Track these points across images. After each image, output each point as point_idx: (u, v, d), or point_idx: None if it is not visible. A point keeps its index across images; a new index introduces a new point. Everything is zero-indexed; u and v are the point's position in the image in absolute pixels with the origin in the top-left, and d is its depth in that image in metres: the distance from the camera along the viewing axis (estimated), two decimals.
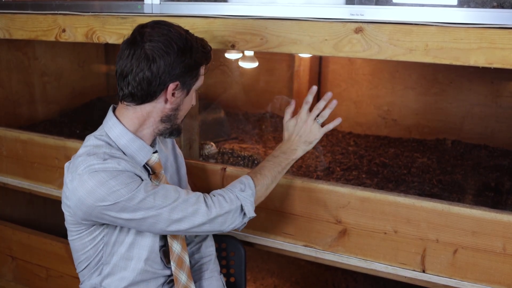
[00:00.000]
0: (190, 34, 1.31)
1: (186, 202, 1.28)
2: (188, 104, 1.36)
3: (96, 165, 1.22)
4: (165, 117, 1.33)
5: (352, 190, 1.53)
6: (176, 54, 1.24)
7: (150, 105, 1.30)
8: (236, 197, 1.35)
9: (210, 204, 1.30)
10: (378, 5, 1.42)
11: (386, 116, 2.67)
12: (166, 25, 1.28)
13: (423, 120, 2.58)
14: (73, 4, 1.91)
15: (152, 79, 1.24)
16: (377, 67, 2.65)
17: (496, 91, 2.42)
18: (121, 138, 1.31)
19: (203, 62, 1.33)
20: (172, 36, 1.25)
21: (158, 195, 1.25)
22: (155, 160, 1.38)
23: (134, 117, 1.31)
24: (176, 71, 1.26)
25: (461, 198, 1.84)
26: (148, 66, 1.23)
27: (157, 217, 1.25)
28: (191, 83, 1.32)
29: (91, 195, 1.21)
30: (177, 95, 1.30)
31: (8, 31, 2.05)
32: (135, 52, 1.24)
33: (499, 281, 1.41)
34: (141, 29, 1.27)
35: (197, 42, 1.30)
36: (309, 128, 1.47)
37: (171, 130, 1.37)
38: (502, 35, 1.27)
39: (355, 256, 1.58)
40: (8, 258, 2.37)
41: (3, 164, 2.23)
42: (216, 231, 1.34)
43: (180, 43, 1.25)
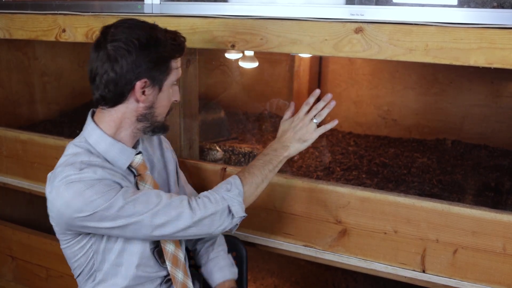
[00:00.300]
0: (156, 28, 1.28)
1: (169, 206, 1.25)
2: (164, 100, 1.32)
3: (72, 176, 1.20)
4: (141, 117, 1.30)
5: (352, 190, 1.53)
6: (138, 50, 1.22)
7: (123, 106, 1.28)
8: (222, 198, 1.30)
9: (194, 206, 1.27)
10: (378, 5, 1.42)
11: (386, 116, 2.67)
12: (129, 23, 1.26)
13: (423, 120, 2.58)
14: (73, 4, 1.91)
15: (117, 80, 1.22)
16: (377, 67, 2.65)
17: (496, 91, 2.42)
18: (100, 143, 1.29)
19: (173, 55, 1.29)
20: (134, 33, 1.22)
21: (139, 201, 1.22)
22: (138, 161, 1.35)
23: (110, 120, 1.29)
24: (141, 68, 1.23)
25: (461, 198, 1.84)
26: (111, 67, 1.22)
27: (139, 224, 1.22)
28: (161, 78, 1.28)
29: (68, 207, 1.20)
30: (148, 93, 1.27)
31: (8, 31, 2.05)
32: (99, 54, 1.23)
33: (499, 281, 1.41)
34: (105, 30, 1.26)
35: (165, 36, 1.27)
36: (305, 126, 1.42)
37: (153, 128, 1.34)
38: (502, 35, 1.27)
39: (355, 256, 1.58)
40: (8, 258, 2.37)
41: (3, 164, 2.23)
42: (205, 234, 1.31)
43: (143, 39, 1.22)
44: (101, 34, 1.25)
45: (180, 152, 1.84)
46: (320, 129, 1.43)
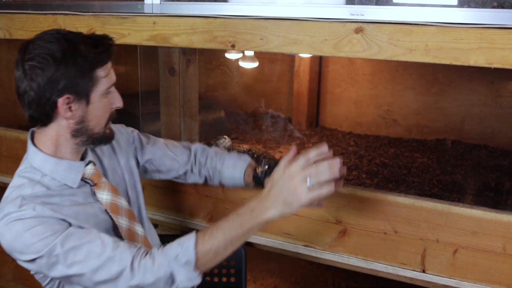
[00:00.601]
0: (76, 38, 1.20)
1: (111, 260, 1.14)
2: (97, 111, 1.23)
3: (12, 214, 1.15)
4: (75, 132, 1.23)
5: (352, 190, 1.53)
6: (53, 66, 1.14)
7: (55, 124, 1.22)
8: (167, 263, 1.14)
9: (135, 267, 1.14)
10: (378, 5, 1.42)
11: (386, 116, 2.67)
12: (45, 37, 1.18)
13: (423, 120, 2.58)
14: (73, 4, 1.91)
15: (37, 99, 1.16)
16: (377, 67, 2.65)
17: (496, 91, 2.42)
18: (45, 165, 1.23)
19: (96, 65, 1.20)
20: (47, 49, 1.15)
21: (80, 252, 1.13)
22: (90, 172, 1.30)
23: (47, 139, 1.24)
24: (60, 85, 1.15)
25: (461, 198, 1.84)
26: (29, 86, 1.16)
27: (79, 276, 1.15)
28: (87, 90, 1.20)
29: (11, 248, 1.16)
30: (74, 108, 1.19)
31: (8, 31, 2.05)
32: (17, 73, 1.18)
33: (499, 281, 1.41)
34: (23, 46, 1.18)
35: (87, 45, 1.18)
36: (295, 186, 1.11)
37: (92, 141, 1.27)
38: (502, 35, 1.27)
39: (355, 256, 1.58)
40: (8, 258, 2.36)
41: (3, 164, 2.23)
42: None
43: (57, 54, 1.15)
44: (19, 51, 1.18)
45: None
46: (314, 193, 1.11)
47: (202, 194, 1.74)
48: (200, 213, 1.76)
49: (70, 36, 1.20)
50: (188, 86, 1.82)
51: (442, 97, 2.52)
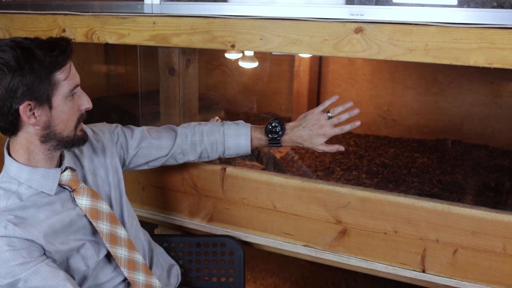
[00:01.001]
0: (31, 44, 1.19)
1: None
2: (62, 115, 1.23)
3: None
4: (43, 138, 1.22)
5: (352, 190, 1.53)
6: (10, 75, 1.13)
7: (23, 132, 1.21)
8: None
9: None
10: (378, 5, 1.42)
11: (386, 116, 2.67)
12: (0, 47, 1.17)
13: (423, 120, 2.58)
14: (73, 4, 1.91)
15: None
16: (377, 67, 2.65)
17: (496, 91, 2.43)
18: (21, 174, 1.23)
19: (55, 69, 1.19)
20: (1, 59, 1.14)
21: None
22: (67, 178, 1.28)
23: (19, 148, 1.24)
24: (18, 93, 1.14)
25: (461, 198, 1.84)
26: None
27: None
28: (48, 95, 1.18)
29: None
30: (38, 114, 1.19)
31: (8, 31, 2.05)
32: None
33: (499, 281, 1.41)
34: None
35: (43, 49, 1.18)
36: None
37: (64, 144, 1.25)
38: (502, 35, 1.27)
39: (355, 256, 1.58)
40: None
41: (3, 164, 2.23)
42: None
43: (11, 62, 1.14)
44: None
45: None
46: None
47: (202, 194, 1.74)
48: (200, 213, 1.76)
49: (25, 43, 1.19)
50: (188, 86, 1.82)
51: (442, 97, 2.52)
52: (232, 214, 1.71)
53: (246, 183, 1.67)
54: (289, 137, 1.51)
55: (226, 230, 1.74)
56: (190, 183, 1.75)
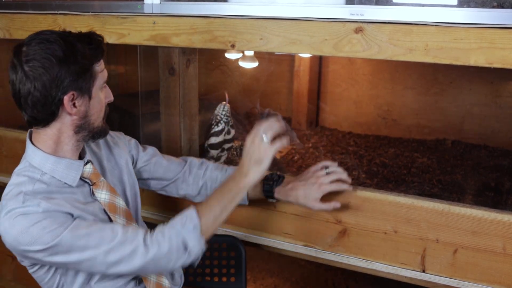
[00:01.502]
0: (70, 36, 1.22)
1: (124, 242, 1.20)
2: (97, 105, 1.29)
3: (16, 209, 1.17)
4: (78, 128, 1.27)
5: (352, 190, 1.53)
6: (57, 66, 1.18)
7: (57, 122, 1.25)
8: (176, 233, 1.25)
9: (149, 243, 1.22)
10: (378, 5, 1.42)
11: (386, 116, 2.67)
12: (40, 38, 1.20)
13: (423, 120, 2.58)
14: (73, 4, 1.91)
15: (43, 99, 1.19)
16: (377, 67, 2.65)
17: (496, 91, 2.42)
18: (45, 164, 1.25)
19: (94, 60, 1.25)
20: (48, 49, 1.18)
21: (92, 237, 1.18)
22: (89, 171, 1.32)
23: (47, 139, 1.26)
24: (65, 83, 1.19)
25: (461, 198, 1.84)
26: (34, 87, 1.18)
27: (92, 261, 1.19)
28: (88, 86, 1.24)
29: (18, 242, 1.17)
30: (78, 104, 1.24)
31: (8, 31, 2.05)
32: (17, 76, 1.19)
33: (499, 281, 1.41)
34: (17, 50, 1.20)
35: (82, 42, 1.22)
36: (257, 146, 1.32)
37: (92, 135, 1.31)
38: (502, 35, 1.27)
39: (355, 256, 1.58)
40: (8, 258, 2.37)
41: (3, 164, 2.23)
42: (162, 270, 1.29)
43: (59, 53, 1.18)
44: (14, 55, 1.21)
45: (180, 152, 1.84)
46: (275, 145, 1.33)
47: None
48: None
49: (65, 35, 1.22)
50: (188, 86, 1.82)
51: (442, 97, 2.52)
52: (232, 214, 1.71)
53: None
54: (285, 189, 1.48)
55: (226, 230, 1.74)
56: None
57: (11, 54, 1.22)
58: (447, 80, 2.50)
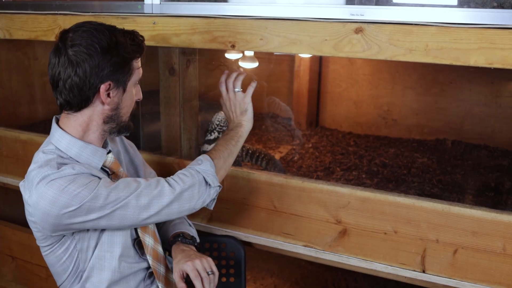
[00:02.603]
0: (116, 30, 1.29)
1: (149, 186, 1.29)
2: (129, 100, 1.35)
3: (51, 175, 1.22)
4: (107, 118, 1.32)
5: (352, 190, 1.53)
6: (100, 54, 1.23)
7: (89, 109, 1.29)
8: (196, 171, 1.36)
9: (173, 182, 1.32)
10: (378, 5, 1.42)
11: (386, 116, 2.67)
12: (87, 26, 1.26)
13: (423, 120, 2.58)
14: (73, 4, 1.91)
15: (81, 84, 1.24)
16: (377, 67, 2.65)
17: (496, 91, 2.42)
18: (72, 148, 1.30)
19: (134, 56, 1.31)
20: (94, 37, 1.23)
21: (120, 188, 1.25)
22: (111, 160, 1.37)
23: (77, 124, 1.31)
24: (104, 72, 1.24)
25: (461, 198, 1.84)
26: (74, 72, 1.23)
27: (125, 208, 1.25)
28: (125, 80, 1.30)
29: (54, 204, 1.20)
30: (112, 95, 1.29)
31: (8, 31, 2.05)
32: (60, 60, 1.24)
33: (499, 281, 1.41)
34: (63, 35, 1.26)
35: (124, 37, 1.28)
36: (236, 101, 1.53)
37: (119, 129, 1.36)
38: (502, 35, 1.27)
39: (355, 256, 1.58)
40: (8, 258, 2.37)
41: (3, 164, 2.23)
42: (187, 209, 1.34)
43: (103, 43, 1.24)
44: (60, 39, 1.26)
45: (180, 152, 1.84)
46: (247, 91, 1.54)
47: None
48: (200, 213, 1.76)
49: (111, 28, 1.28)
50: (188, 86, 1.82)
51: (442, 97, 2.52)
52: (232, 214, 1.71)
53: (246, 183, 1.67)
54: (176, 251, 1.42)
55: (226, 230, 1.75)
56: None
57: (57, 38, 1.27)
58: (447, 80, 2.50)
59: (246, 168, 1.98)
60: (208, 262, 1.34)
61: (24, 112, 2.58)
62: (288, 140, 2.52)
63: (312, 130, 2.76)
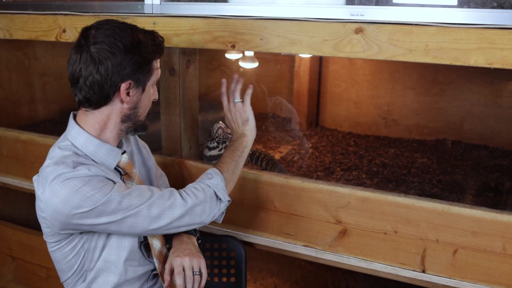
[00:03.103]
0: (137, 29, 1.30)
1: (162, 197, 1.29)
2: (146, 100, 1.36)
3: (66, 173, 1.22)
4: (125, 117, 1.33)
5: (352, 190, 1.53)
6: (123, 53, 1.24)
7: (108, 107, 1.30)
8: (207, 186, 1.37)
9: (185, 195, 1.32)
10: (378, 5, 1.42)
11: (386, 116, 2.67)
12: (110, 25, 1.27)
13: (423, 120, 2.58)
14: (73, 4, 1.91)
15: (102, 82, 1.24)
16: (377, 67, 2.65)
17: (496, 91, 2.42)
18: (88, 145, 1.30)
19: (155, 56, 1.32)
20: (117, 36, 1.24)
21: (133, 195, 1.25)
22: (125, 161, 1.38)
23: (94, 122, 1.31)
24: (126, 71, 1.25)
25: (461, 198, 1.84)
26: (96, 69, 1.23)
27: (136, 216, 1.25)
28: (145, 79, 1.31)
29: (66, 204, 1.20)
30: (132, 94, 1.30)
31: (9, 31, 2.05)
32: (82, 56, 1.24)
33: (499, 281, 1.41)
34: (86, 32, 1.26)
35: (145, 37, 1.29)
36: (236, 112, 1.56)
37: (135, 128, 1.37)
38: (502, 35, 1.28)
39: (355, 256, 1.58)
40: (8, 258, 2.37)
41: (3, 164, 2.23)
42: (197, 223, 1.35)
43: (126, 42, 1.24)
44: (82, 36, 1.26)
45: (180, 152, 1.84)
46: (246, 102, 1.57)
47: None
48: None
49: (134, 28, 1.29)
50: (188, 86, 1.82)
51: (442, 97, 2.52)
52: (232, 214, 1.71)
53: (246, 183, 1.67)
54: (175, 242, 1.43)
55: (226, 230, 1.75)
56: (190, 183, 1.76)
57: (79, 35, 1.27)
58: (447, 80, 2.50)
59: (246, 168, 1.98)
60: (198, 262, 1.35)
61: (24, 112, 2.59)
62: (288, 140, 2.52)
63: (312, 130, 2.76)
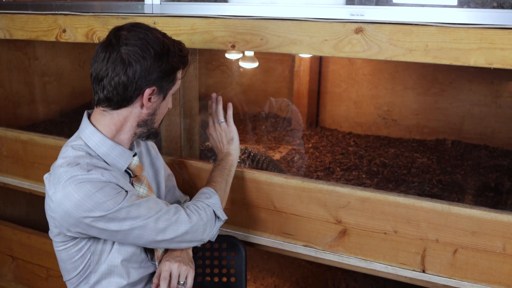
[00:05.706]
0: (167, 37, 1.30)
1: (168, 212, 1.30)
2: (164, 108, 1.36)
3: (80, 176, 1.21)
4: (142, 122, 1.32)
5: (352, 190, 1.53)
6: (153, 58, 1.23)
7: (127, 110, 1.29)
8: (207, 205, 1.40)
9: (189, 212, 1.34)
10: (378, 5, 1.42)
11: (386, 116, 2.67)
12: (143, 28, 1.26)
13: (423, 120, 2.58)
14: (73, 4, 1.91)
15: (128, 84, 1.23)
16: (377, 67, 2.65)
17: (496, 91, 2.43)
18: (101, 146, 1.30)
19: (180, 67, 1.33)
20: (149, 40, 1.24)
21: (142, 207, 1.26)
22: (135, 163, 1.38)
23: (111, 123, 1.30)
24: (153, 76, 1.25)
25: (461, 198, 1.84)
26: (124, 71, 1.22)
27: (143, 228, 1.26)
28: (167, 87, 1.31)
29: (78, 207, 1.20)
30: (153, 100, 1.29)
31: (9, 31, 2.05)
32: (111, 56, 1.23)
33: (499, 281, 1.41)
34: (117, 32, 1.25)
35: (174, 46, 1.29)
36: (222, 132, 1.60)
37: (148, 134, 1.36)
38: (502, 35, 1.28)
39: (355, 256, 1.58)
40: (8, 258, 2.37)
41: (3, 164, 2.24)
42: (197, 240, 1.37)
43: (157, 47, 1.24)
44: (113, 36, 1.25)
45: (180, 152, 1.84)
46: (229, 121, 1.61)
47: None
48: None
49: (164, 35, 1.30)
50: (188, 86, 1.82)
51: (442, 97, 2.52)
52: (232, 214, 1.71)
53: (246, 183, 1.67)
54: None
55: (226, 230, 1.75)
56: (190, 183, 1.76)
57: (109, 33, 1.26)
58: (447, 80, 2.50)
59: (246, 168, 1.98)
60: (187, 270, 1.35)
61: (24, 112, 2.59)
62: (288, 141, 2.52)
63: (312, 130, 2.76)
